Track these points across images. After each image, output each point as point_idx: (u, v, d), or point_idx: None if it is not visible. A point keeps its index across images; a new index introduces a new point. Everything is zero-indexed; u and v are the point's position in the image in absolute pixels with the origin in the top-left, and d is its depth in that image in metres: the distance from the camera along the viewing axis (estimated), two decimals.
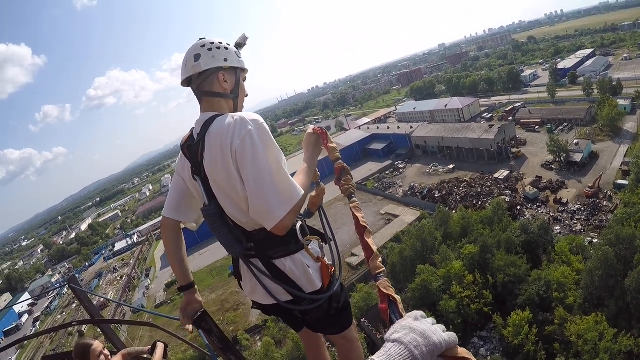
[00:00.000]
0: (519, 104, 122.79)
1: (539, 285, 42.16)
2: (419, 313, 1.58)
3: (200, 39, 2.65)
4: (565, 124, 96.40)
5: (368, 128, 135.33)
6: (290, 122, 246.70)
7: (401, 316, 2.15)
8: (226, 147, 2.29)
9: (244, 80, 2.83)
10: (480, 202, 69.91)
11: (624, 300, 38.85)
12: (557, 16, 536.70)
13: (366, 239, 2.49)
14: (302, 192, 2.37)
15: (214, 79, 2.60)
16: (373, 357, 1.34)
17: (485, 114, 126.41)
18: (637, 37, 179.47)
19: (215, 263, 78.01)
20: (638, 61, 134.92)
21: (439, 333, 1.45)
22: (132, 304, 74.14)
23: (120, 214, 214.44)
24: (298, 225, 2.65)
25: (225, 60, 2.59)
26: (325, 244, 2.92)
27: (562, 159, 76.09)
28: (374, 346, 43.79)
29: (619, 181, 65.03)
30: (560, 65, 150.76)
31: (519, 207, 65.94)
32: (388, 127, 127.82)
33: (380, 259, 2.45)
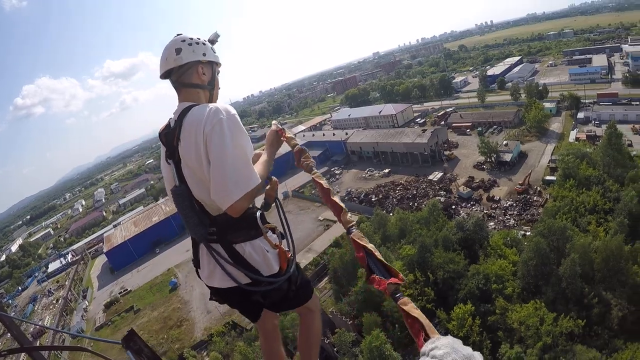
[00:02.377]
0: (451, 109, 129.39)
1: (478, 279, 43.80)
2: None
3: (178, 35, 2.89)
4: (495, 127, 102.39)
5: (304, 136, 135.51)
6: None
7: (385, 271, 2.33)
8: (199, 132, 2.52)
9: (218, 74, 3.07)
10: (416, 204, 71.97)
11: (559, 286, 41.57)
12: (487, 26, 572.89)
13: (332, 198, 2.86)
14: (259, 180, 2.64)
15: (193, 72, 2.85)
16: None
17: (419, 119, 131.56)
18: (561, 46, 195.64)
19: (155, 279, 75.25)
20: (562, 67, 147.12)
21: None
22: (71, 328, 70.59)
23: (52, 232, 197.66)
24: (258, 214, 2.88)
25: (204, 54, 2.86)
26: (283, 238, 3.13)
27: (492, 159, 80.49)
28: (322, 351, 43.82)
29: (547, 177, 70.10)
30: (490, 72, 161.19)
31: (454, 207, 68.67)
32: (324, 134, 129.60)
33: (349, 214, 2.74)
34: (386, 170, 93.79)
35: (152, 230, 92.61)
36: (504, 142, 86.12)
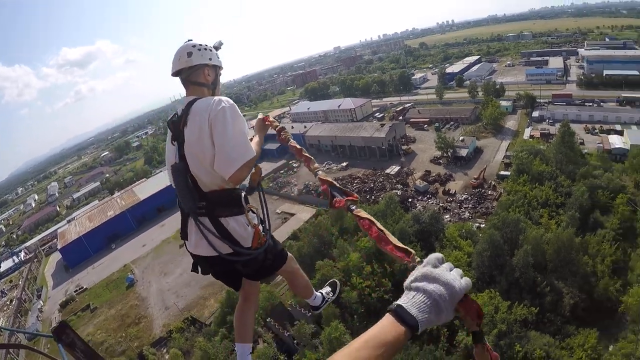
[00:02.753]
0: (409, 105, 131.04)
1: None
2: (438, 257, 1.76)
3: (189, 40, 3.44)
4: (452, 123, 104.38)
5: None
6: None
7: (343, 194, 2.72)
8: (204, 118, 2.99)
9: (220, 76, 3.64)
10: (373, 197, 72.20)
11: (513, 276, 43.01)
12: (448, 25, 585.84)
13: (304, 154, 3.35)
14: (254, 153, 3.12)
15: (200, 73, 3.39)
16: (397, 301, 1.58)
17: (377, 114, 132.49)
18: (520, 47, 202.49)
19: (111, 276, 71.83)
20: (519, 68, 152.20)
21: (458, 280, 1.60)
22: (26, 330, 67.42)
23: (4, 229, 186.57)
24: (242, 194, 3.30)
25: (210, 59, 3.41)
26: (262, 223, 3.45)
27: (449, 154, 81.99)
28: (282, 344, 44.40)
29: (502, 172, 71.99)
30: (449, 70, 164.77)
31: (410, 200, 69.37)
32: None
33: (315, 163, 3.17)
34: (344, 164, 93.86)
35: (108, 225, 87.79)
36: (461, 138, 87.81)
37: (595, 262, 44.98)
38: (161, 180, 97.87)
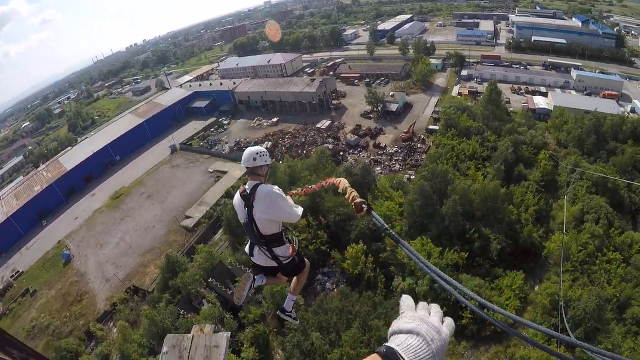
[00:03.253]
0: (340, 60, 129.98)
1: (367, 220, 43.90)
2: (425, 304, 1.73)
3: (255, 147, 5.34)
4: (383, 79, 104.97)
5: (190, 86, 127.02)
6: (107, 84, 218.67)
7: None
8: (268, 200, 4.93)
9: (269, 169, 5.63)
10: (305, 151, 71.12)
11: (443, 224, 44.13)
12: None
13: (328, 181, 5.49)
14: (301, 212, 5.28)
15: (259, 169, 5.26)
16: (391, 345, 1.46)
17: (308, 69, 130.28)
18: (452, 8, 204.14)
19: (46, 255, 65.18)
20: (451, 28, 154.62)
21: (445, 330, 1.62)
22: None
23: None
24: (283, 234, 5.35)
25: (265, 162, 5.31)
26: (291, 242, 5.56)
27: (379, 108, 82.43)
28: (226, 302, 43.81)
29: (431, 126, 73.42)
30: (380, 27, 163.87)
31: (341, 153, 69.44)
32: (210, 84, 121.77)
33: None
34: (275, 119, 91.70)
35: (36, 201, 77.47)
36: (391, 93, 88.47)
37: (520, 211, 47.43)
38: (87, 146, 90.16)
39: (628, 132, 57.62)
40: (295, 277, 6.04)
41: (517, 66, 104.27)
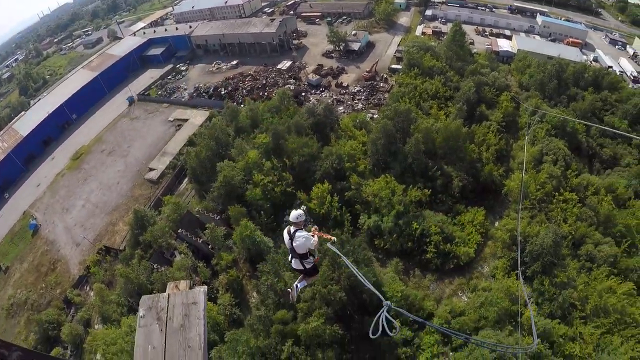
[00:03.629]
0: None
1: (332, 160, 44.45)
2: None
3: (297, 212, 8.63)
4: (345, 17, 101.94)
5: (144, 33, 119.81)
6: (56, 40, 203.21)
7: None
8: (300, 238, 8.31)
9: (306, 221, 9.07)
10: (266, 93, 69.52)
11: (406, 162, 44.62)
12: None
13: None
14: (316, 242, 8.50)
15: (301, 221, 8.56)
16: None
17: (267, 9, 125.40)
18: None
19: (13, 228, 61.97)
20: None
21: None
22: None
23: None
24: (308, 253, 8.68)
25: (303, 219, 8.64)
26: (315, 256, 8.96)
27: (341, 48, 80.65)
28: (198, 252, 44.74)
29: (393, 66, 72.86)
30: None
31: (303, 94, 68.26)
32: (166, 30, 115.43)
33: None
34: (234, 62, 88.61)
35: None
36: (353, 32, 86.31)
37: (481, 150, 48.54)
38: (41, 108, 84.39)
39: (589, 80, 59.01)
40: (311, 277, 9.66)
41: (483, 8, 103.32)
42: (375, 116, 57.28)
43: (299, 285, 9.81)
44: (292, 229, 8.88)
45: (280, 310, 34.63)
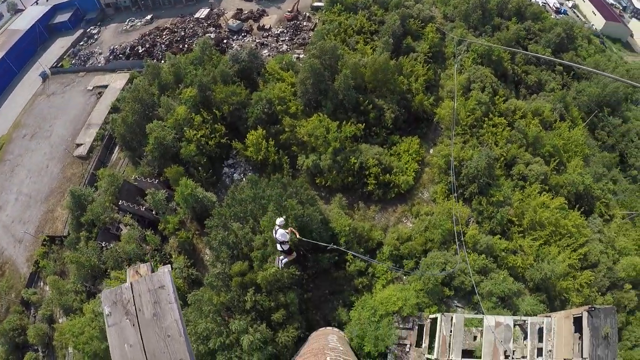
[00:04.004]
0: None
1: (262, 105, 43.78)
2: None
3: (279, 219, 21.44)
4: None
5: (47, 0, 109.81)
6: None
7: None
8: (280, 232, 21.66)
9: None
10: (186, 45, 66.26)
11: (337, 99, 44.52)
12: None
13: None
14: (289, 235, 22.05)
15: (282, 224, 21.43)
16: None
17: None
18: None
19: None
20: None
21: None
22: None
23: None
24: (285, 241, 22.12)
25: (284, 224, 21.57)
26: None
27: None
28: (143, 220, 44.61)
29: (316, 3, 70.09)
30: None
31: (225, 41, 65.66)
32: None
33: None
34: (148, 17, 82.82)
35: None
36: None
37: (410, 81, 48.82)
38: None
39: (513, 10, 60.42)
40: (288, 255, 21.15)
41: None
42: (301, 56, 56.22)
43: (282, 259, 22.49)
44: (277, 227, 20.03)
45: (236, 263, 34.76)
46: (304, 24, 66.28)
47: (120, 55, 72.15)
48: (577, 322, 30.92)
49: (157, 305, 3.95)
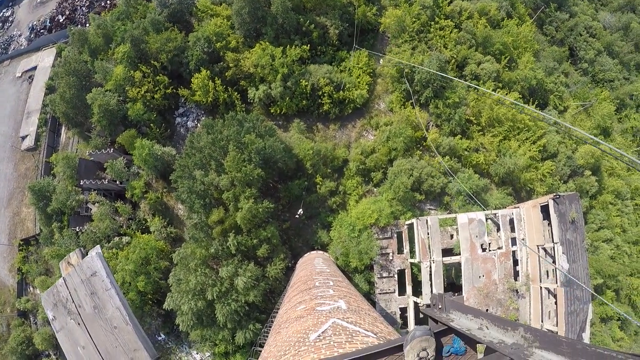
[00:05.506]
0: None
1: (201, 45, 41.65)
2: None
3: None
4: None
5: None
6: None
7: None
8: None
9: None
10: (109, 2, 61.62)
11: (277, 23, 42.55)
12: None
13: None
14: None
15: None
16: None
17: None
18: None
19: None
20: None
21: None
22: None
23: None
24: None
25: None
26: None
27: None
28: (110, 193, 43.96)
29: None
30: None
31: None
32: None
33: None
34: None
35: None
36: None
37: None
38: None
39: None
40: None
41: None
42: None
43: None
44: None
45: (212, 211, 34.32)
46: None
47: (42, 31, 67.31)
48: (545, 210, 32.50)
49: (95, 296, 3.22)
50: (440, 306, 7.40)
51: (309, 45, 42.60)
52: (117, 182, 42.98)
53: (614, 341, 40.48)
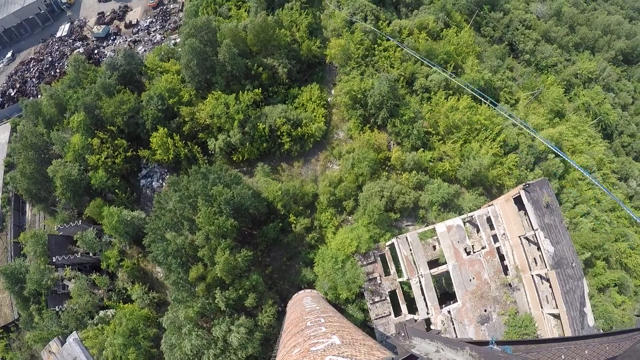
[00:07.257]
0: None
1: (154, 103, 41.39)
2: None
3: None
4: None
5: None
6: None
7: None
8: None
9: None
10: (58, 70, 61.29)
11: (226, 71, 42.78)
12: None
13: None
14: None
15: None
16: None
17: None
18: None
19: None
20: None
21: None
22: None
23: None
24: None
25: None
26: None
27: None
28: (84, 265, 41.60)
29: None
30: None
31: (96, 51, 61.33)
32: None
33: None
34: (9, 55, 75.32)
35: None
36: None
37: (293, 32, 47.64)
38: None
39: None
40: None
41: None
42: (178, 40, 53.40)
43: None
44: None
45: (192, 268, 33.60)
46: (172, 6, 62.87)
47: None
48: (518, 201, 32.79)
49: None
50: (403, 334, 8.09)
51: (260, 87, 42.90)
52: (91, 254, 41.66)
53: (616, 307, 40.70)
